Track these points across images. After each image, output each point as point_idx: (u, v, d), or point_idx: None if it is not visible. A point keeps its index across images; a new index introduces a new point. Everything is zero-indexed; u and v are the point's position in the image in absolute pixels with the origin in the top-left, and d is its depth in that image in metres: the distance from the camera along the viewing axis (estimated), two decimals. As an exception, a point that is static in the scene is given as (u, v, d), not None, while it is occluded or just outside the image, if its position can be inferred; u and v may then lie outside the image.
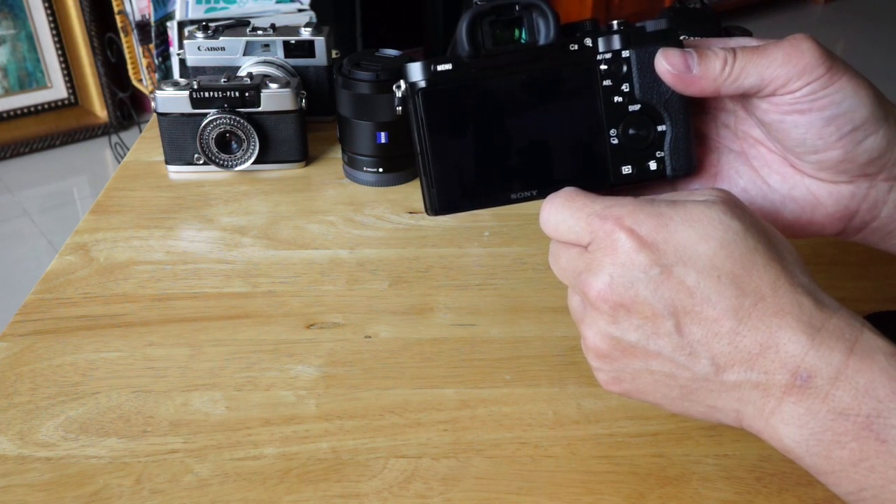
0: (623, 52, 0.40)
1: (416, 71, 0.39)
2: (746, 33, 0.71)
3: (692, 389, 0.35)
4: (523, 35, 0.39)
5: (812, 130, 0.38)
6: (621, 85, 0.40)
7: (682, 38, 0.40)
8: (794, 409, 0.33)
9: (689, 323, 0.34)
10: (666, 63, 0.39)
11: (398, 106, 0.40)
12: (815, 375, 0.32)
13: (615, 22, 0.40)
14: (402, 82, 0.39)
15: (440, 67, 0.38)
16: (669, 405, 0.37)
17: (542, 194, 0.39)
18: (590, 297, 0.36)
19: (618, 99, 0.40)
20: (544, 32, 0.39)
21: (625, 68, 0.40)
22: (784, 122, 0.39)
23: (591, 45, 0.40)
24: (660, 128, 0.41)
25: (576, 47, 0.40)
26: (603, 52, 0.40)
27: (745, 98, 0.40)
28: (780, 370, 0.33)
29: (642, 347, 0.35)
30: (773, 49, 0.38)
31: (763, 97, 0.39)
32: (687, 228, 0.34)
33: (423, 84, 0.38)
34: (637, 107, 0.40)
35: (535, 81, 0.39)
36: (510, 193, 0.40)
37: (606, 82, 0.40)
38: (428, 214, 0.40)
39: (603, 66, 0.40)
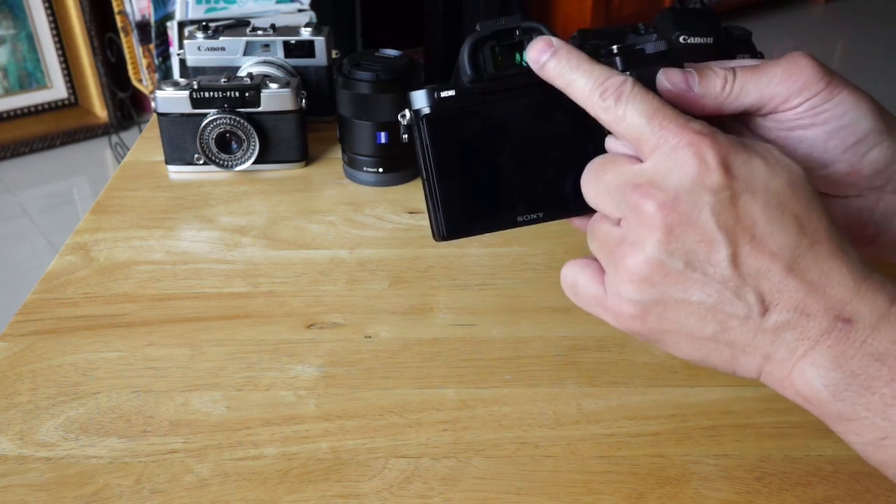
0: (624, 73, 0.40)
1: (419, 98, 0.39)
2: (747, 33, 0.71)
3: (728, 327, 0.34)
4: (524, 59, 0.39)
5: (816, 145, 0.38)
6: None
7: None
8: (828, 352, 0.33)
9: (744, 256, 0.33)
10: (667, 82, 0.39)
11: (404, 134, 0.40)
12: (857, 320, 0.33)
13: (614, 46, 0.40)
14: (406, 111, 0.39)
15: (443, 94, 0.39)
16: (691, 348, 0.36)
17: (548, 216, 0.40)
18: (646, 211, 0.34)
19: None
20: None
21: None
22: (788, 138, 0.39)
23: None
24: None
25: None
26: None
27: (747, 117, 0.40)
28: (823, 313, 0.33)
29: (688, 275, 0.34)
30: (772, 67, 0.38)
31: (765, 115, 0.39)
32: (761, 161, 0.34)
33: (427, 111, 0.39)
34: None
35: (537, 104, 0.39)
36: (517, 216, 0.40)
37: None
38: (435, 240, 0.40)
39: None
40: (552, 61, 0.37)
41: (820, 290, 0.33)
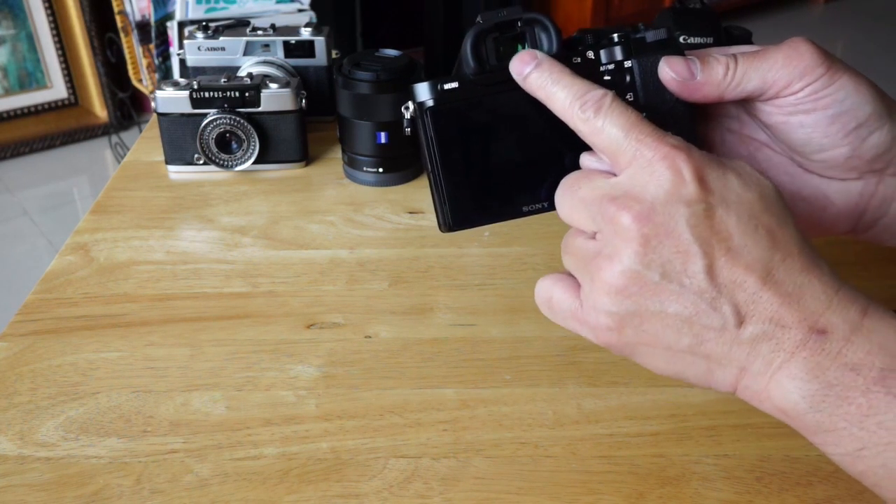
0: (625, 62, 0.40)
1: (423, 91, 0.39)
2: (747, 33, 0.71)
3: (704, 339, 0.34)
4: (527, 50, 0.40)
5: (817, 129, 0.39)
6: (625, 95, 0.40)
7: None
8: (804, 363, 0.33)
9: (720, 267, 0.34)
10: (670, 70, 0.39)
11: (407, 127, 0.41)
12: (832, 331, 0.33)
13: (615, 34, 0.40)
14: (409, 103, 0.40)
15: (447, 86, 0.39)
16: (667, 361, 0.36)
17: (553, 206, 0.40)
18: (623, 223, 0.34)
19: None
20: (547, 46, 0.40)
21: (628, 78, 0.40)
22: (788, 122, 0.39)
23: (593, 57, 0.40)
24: None
25: (578, 60, 0.40)
26: (606, 64, 0.40)
27: (748, 102, 0.40)
28: (797, 325, 0.33)
29: (665, 286, 0.34)
30: (773, 52, 0.38)
31: (766, 100, 0.39)
32: (734, 176, 0.35)
33: (430, 103, 0.39)
34: (642, 115, 0.40)
35: None
36: (522, 206, 0.40)
37: None
38: (441, 231, 0.40)
39: (606, 77, 0.40)
40: (534, 73, 0.38)
41: (794, 302, 0.33)
